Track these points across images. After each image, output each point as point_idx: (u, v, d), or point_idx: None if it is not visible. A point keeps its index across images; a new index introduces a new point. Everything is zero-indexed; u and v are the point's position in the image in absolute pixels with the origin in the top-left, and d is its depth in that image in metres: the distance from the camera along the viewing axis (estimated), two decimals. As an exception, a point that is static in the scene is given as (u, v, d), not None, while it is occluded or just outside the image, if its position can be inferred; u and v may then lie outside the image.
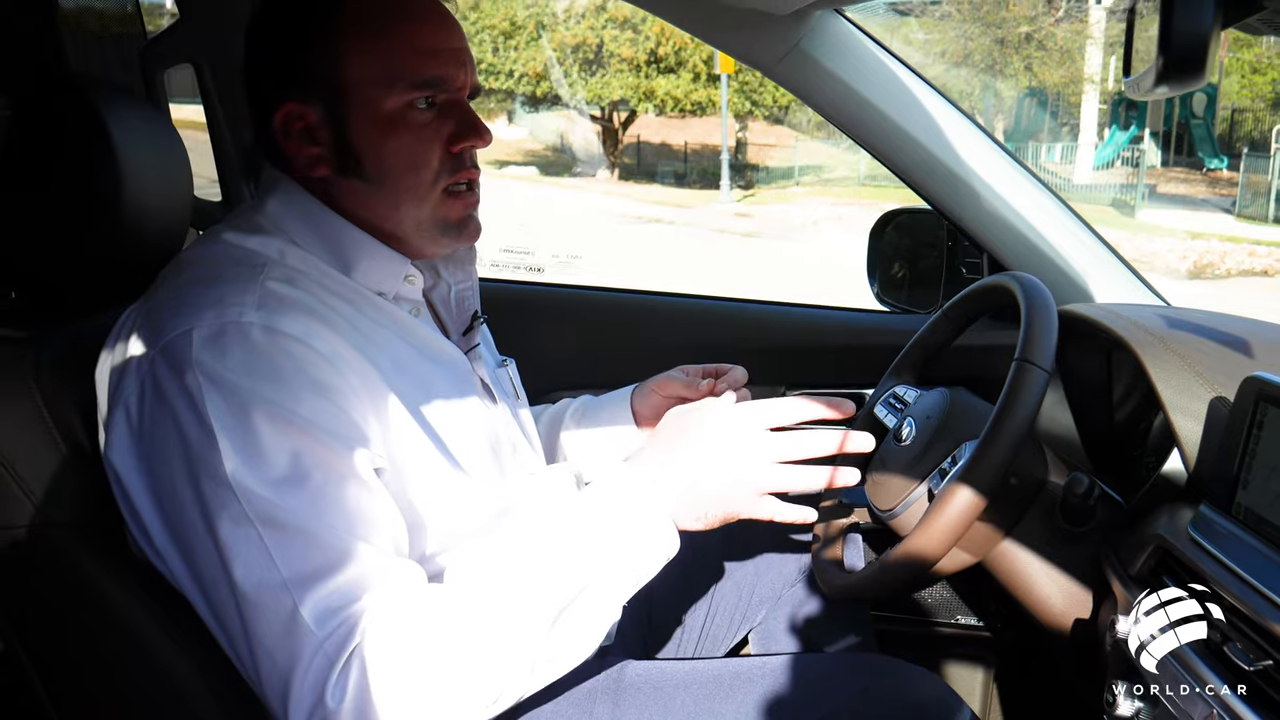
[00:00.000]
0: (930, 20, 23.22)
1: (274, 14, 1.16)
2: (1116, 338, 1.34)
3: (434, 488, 1.12)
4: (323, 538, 0.97)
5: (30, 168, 1.17)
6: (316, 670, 0.94)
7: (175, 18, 2.08)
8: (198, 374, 0.98)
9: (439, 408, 1.16)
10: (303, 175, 1.16)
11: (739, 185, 21.31)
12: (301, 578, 0.95)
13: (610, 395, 1.60)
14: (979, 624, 1.93)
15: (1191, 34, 0.67)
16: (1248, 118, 22.87)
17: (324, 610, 0.95)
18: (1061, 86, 23.16)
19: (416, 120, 1.13)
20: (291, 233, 1.15)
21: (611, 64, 21.44)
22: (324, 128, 1.13)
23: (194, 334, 1.00)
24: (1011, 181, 1.80)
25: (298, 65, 1.12)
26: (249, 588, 0.95)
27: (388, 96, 1.11)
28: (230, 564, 0.96)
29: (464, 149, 1.17)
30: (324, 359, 1.04)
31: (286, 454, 0.98)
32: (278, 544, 0.96)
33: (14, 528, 1.09)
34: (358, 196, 1.16)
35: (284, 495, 0.97)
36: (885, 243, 2.12)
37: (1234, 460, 1.05)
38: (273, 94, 1.14)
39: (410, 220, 1.17)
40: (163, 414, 1.00)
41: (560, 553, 1.04)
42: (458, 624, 0.98)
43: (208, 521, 0.97)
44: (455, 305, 1.32)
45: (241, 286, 1.05)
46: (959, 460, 1.31)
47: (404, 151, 1.14)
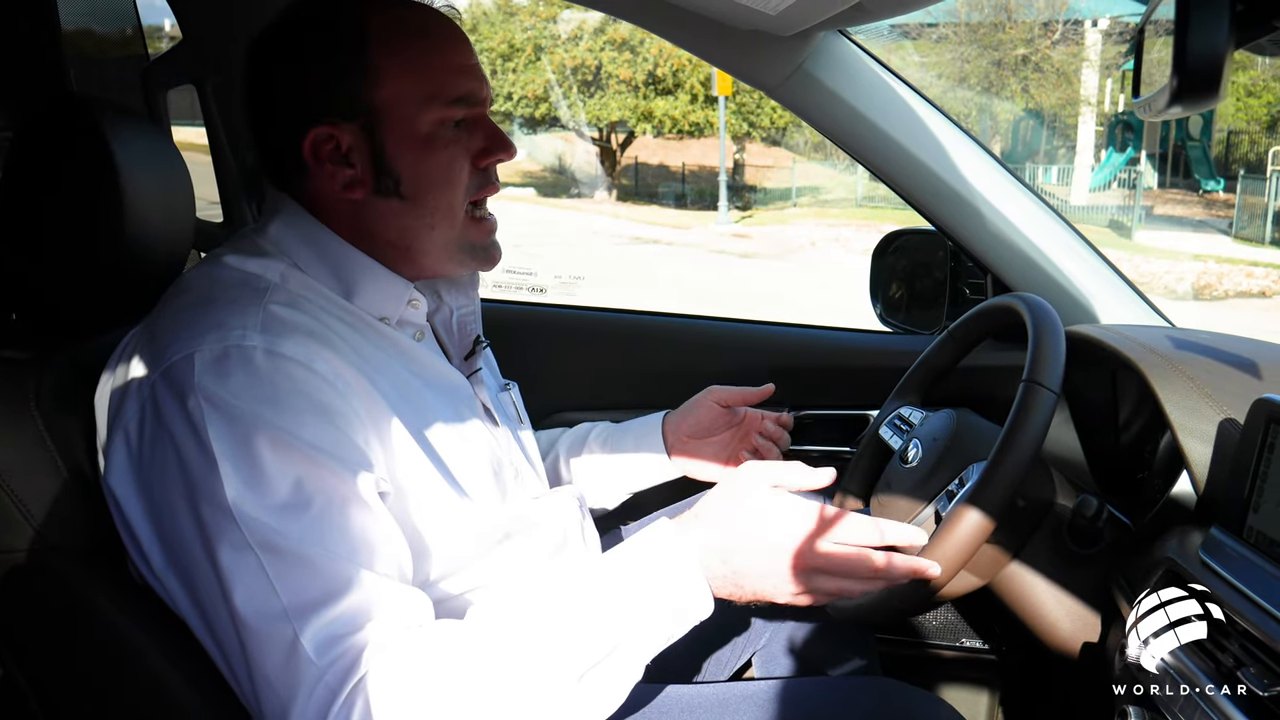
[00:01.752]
0: (927, 43, 23.34)
1: (295, 40, 1.15)
2: (1124, 359, 1.34)
3: (436, 512, 1.11)
4: (324, 565, 0.95)
5: (33, 189, 1.17)
6: (318, 701, 0.92)
7: (175, 40, 2.08)
8: (199, 398, 0.98)
9: (441, 432, 1.16)
10: (334, 197, 1.16)
11: (737, 206, 21.36)
12: (302, 606, 0.94)
13: (639, 421, 1.60)
14: (984, 647, 1.92)
15: (1207, 55, 0.66)
16: (1243, 140, 22.97)
17: (325, 639, 0.93)
18: (1058, 108, 23.28)
19: (449, 137, 1.15)
20: (294, 256, 1.15)
21: (610, 85, 21.52)
22: (359, 149, 1.14)
23: (195, 357, 1.00)
24: (1015, 202, 1.80)
25: (327, 90, 1.13)
26: (249, 615, 0.94)
27: (424, 114, 1.13)
28: (230, 591, 0.94)
29: (490, 163, 1.19)
30: (327, 383, 1.03)
31: (288, 479, 0.97)
32: (279, 571, 0.94)
33: (13, 551, 1.08)
34: (391, 216, 1.16)
35: (285, 521, 0.95)
36: (888, 264, 2.11)
37: (1245, 483, 1.04)
38: (299, 120, 1.13)
39: (440, 239, 1.18)
40: (163, 438, 0.99)
41: (598, 608, 0.99)
42: (474, 665, 0.95)
43: (208, 548, 0.96)
44: (457, 330, 1.31)
45: (244, 310, 1.05)
46: (966, 482, 1.30)
47: (441, 169, 1.15)
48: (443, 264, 1.21)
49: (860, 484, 1.62)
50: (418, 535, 1.09)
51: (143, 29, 2.25)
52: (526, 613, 0.99)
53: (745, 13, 1.51)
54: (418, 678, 0.93)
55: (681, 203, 22.71)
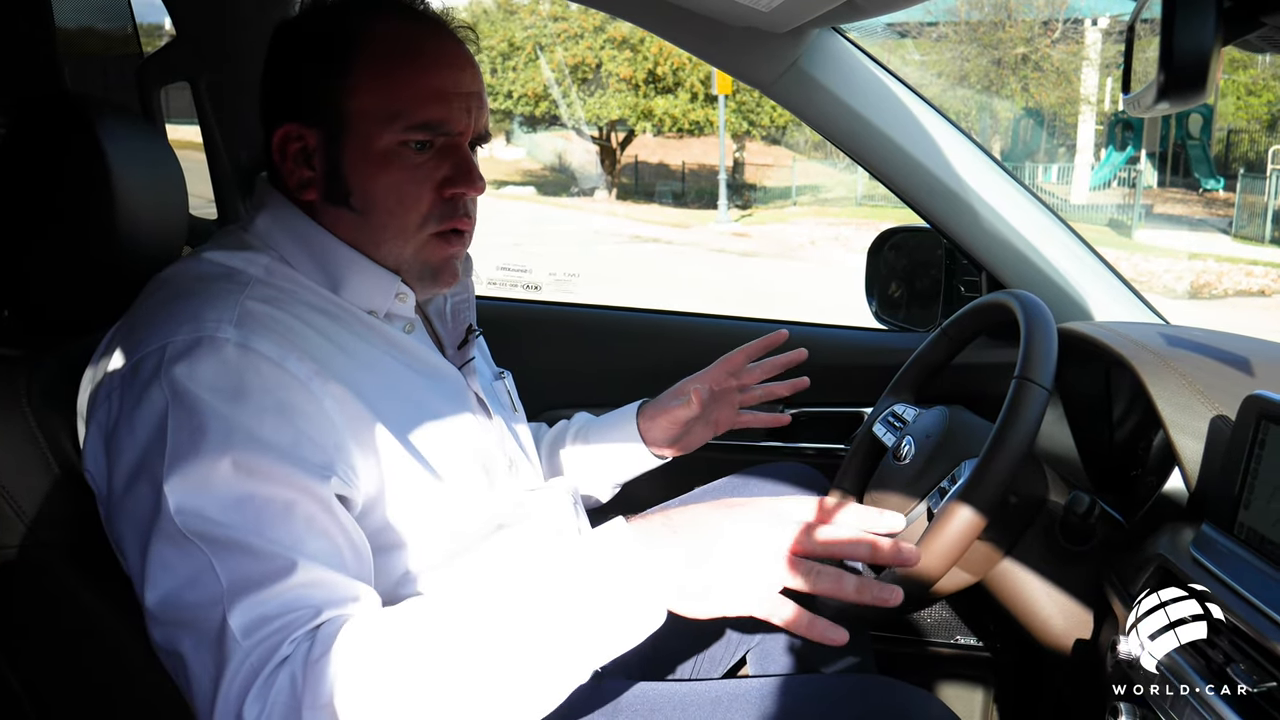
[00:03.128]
0: (926, 42, 23.35)
1: (292, 34, 1.16)
2: (1116, 356, 1.34)
3: (420, 506, 1.11)
4: (261, 550, 0.94)
5: (25, 186, 1.17)
6: (242, 679, 0.90)
7: (170, 38, 2.08)
8: (165, 386, 0.98)
9: (430, 425, 1.15)
10: (294, 196, 1.17)
11: (736, 205, 21.36)
12: (233, 589, 0.92)
13: (614, 414, 1.59)
14: (978, 644, 1.92)
15: (1193, 51, 0.67)
16: (1243, 139, 22.97)
17: (254, 620, 0.91)
18: (1058, 107, 23.27)
19: (410, 160, 1.13)
20: (280, 249, 1.15)
21: (610, 84, 21.52)
22: (320, 153, 1.14)
23: (167, 348, 1.00)
24: (1010, 200, 1.80)
25: (306, 87, 1.13)
26: (180, 596, 0.93)
27: (384, 133, 1.12)
28: (164, 573, 0.94)
29: (455, 195, 1.17)
30: (298, 382, 1.03)
31: (235, 472, 0.95)
32: (214, 557, 0.93)
33: (5, 548, 1.08)
34: (343, 225, 1.16)
35: (228, 512, 0.94)
36: (883, 261, 2.12)
37: (1236, 479, 1.05)
38: (277, 112, 1.15)
39: (392, 257, 1.17)
40: (127, 424, 0.99)
41: (535, 600, 0.93)
42: (403, 651, 0.92)
43: (150, 531, 0.95)
44: (451, 317, 1.31)
45: (221, 304, 1.05)
46: (959, 479, 1.30)
47: (393, 189, 1.14)
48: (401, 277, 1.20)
49: (854, 481, 1.62)
50: (395, 530, 1.09)
51: (137, 27, 2.25)
52: (464, 604, 0.95)
53: (739, 10, 1.51)
54: (342, 664, 0.90)
55: (681, 201, 22.71)
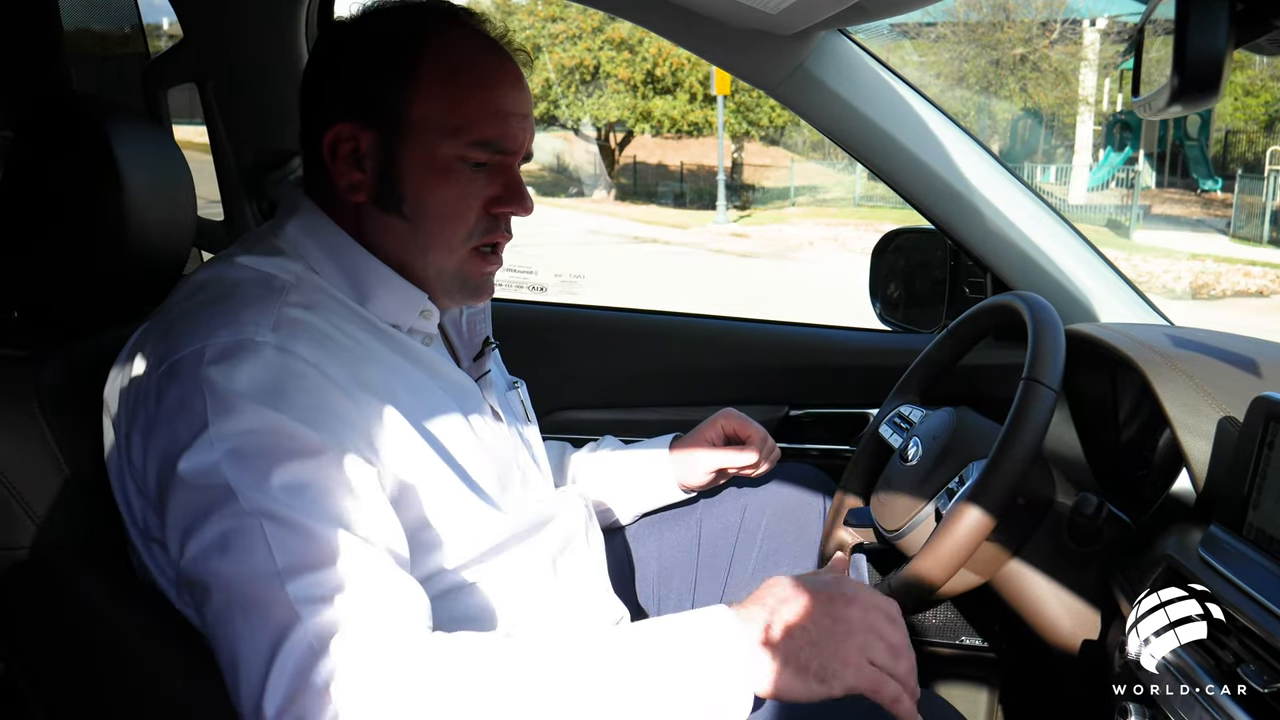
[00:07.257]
0: (925, 42, 23.34)
1: (352, 34, 1.16)
2: (1123, 357, 1.34)
3: (442, 514, 1.11)
4: (320, 534, 0.92)
5: (34, 187, 1.17)
6: (298, 659, 0.87)
7: (175, 39, 2.08)
8: (204, 389, 0.97)
9: (449, 436, 1.16)
10: (340, 198, 1.16)
11: (735, 206, 21.35)
12: (293, 568, 0.90)
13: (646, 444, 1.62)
14: (984, 645, 1.92)
15: (1206, 54, 0.67)
16: (1241, 139, 22.99)
17: (314, 600, 0.89)
18: (1056, 108, 23.27)
19: (465, 175, 1.14)
20: (309, 258, 1.15)
21: (608, 85, 21.51)
22: (374, 156, 1.13)
23: (205, 351, 1.00)
24: (1014, 201, 1.80)
25: (364, 89, 1.12)
26: (243, 575, 0.91)
27: (447, 145, 1.12)
28: (219, 557, 0.92)
29: (501, 212, 1.18)
30: (335, 385, 1.03)
31: (287, 465, 0.95)
32: (274, 536, 0.91)
33: (15, 549, 1.08)
34: (389, 232, 1.16)
35: (288, 496, 0.93)
36: (887, 263, 2.12)
37: (1244, 480, 1.05)
38: (328, 111, 1.14)
39: (434, 267, 1.17)
40: (166, 424, 0.99)
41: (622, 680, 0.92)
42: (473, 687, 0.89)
43: (208, 515, 0.93)
44: (466, 329, 1.32)
45: (259, 309, 1.05)
46: (967, 480, 1.30)
47: (446, 201, 1.14)
48: (437, 291, 1.20)
49: (860, 483, 1.62)
50: (424, 533, 1.09)
51: (144, 28, 2.25)
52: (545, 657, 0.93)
53: (746, 12, 1.51)
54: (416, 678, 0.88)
55: (680, 202, 22.70)
